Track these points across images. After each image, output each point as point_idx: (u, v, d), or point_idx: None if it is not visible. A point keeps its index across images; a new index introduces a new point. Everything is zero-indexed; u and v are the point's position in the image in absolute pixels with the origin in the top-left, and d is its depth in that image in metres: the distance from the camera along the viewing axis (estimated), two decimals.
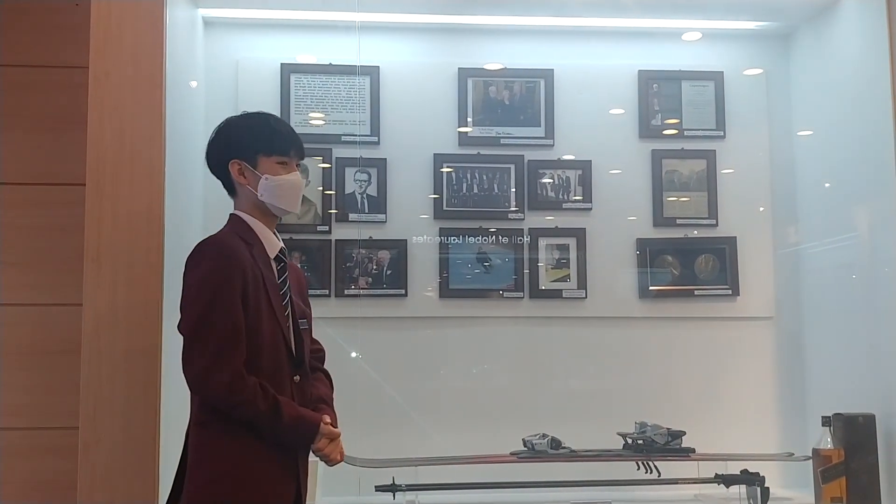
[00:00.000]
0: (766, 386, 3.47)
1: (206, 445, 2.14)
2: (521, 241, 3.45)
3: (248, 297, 2.13)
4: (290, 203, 2.31)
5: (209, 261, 2.15)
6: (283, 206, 2.30)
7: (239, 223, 2.29)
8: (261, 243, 2.27)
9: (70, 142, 2.76)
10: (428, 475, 2.99)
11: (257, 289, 2.17)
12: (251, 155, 2.28)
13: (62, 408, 2.66)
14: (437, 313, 3.39)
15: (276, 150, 2.29)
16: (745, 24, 3.56)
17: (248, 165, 2.28)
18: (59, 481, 2.64)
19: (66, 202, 2.77)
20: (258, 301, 2.16)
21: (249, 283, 2.14)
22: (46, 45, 2.93)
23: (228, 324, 2.09)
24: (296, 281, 2.37)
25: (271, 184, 2.26)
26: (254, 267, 2.18)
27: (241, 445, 2.12)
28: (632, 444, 3.11)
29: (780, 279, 3.52)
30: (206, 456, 2.14)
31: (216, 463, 2.12)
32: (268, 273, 2.23)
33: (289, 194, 2.30)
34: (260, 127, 2.32)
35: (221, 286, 2.11)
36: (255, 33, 3.44)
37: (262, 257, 2.24)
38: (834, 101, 3.32)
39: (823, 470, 2.97)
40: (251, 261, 2.19)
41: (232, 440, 2.12)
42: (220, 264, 2.13)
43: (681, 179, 3.54)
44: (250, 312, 2.13)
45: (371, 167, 3.40)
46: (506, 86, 3.52)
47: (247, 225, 2.28)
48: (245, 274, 2.14)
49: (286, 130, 2.35)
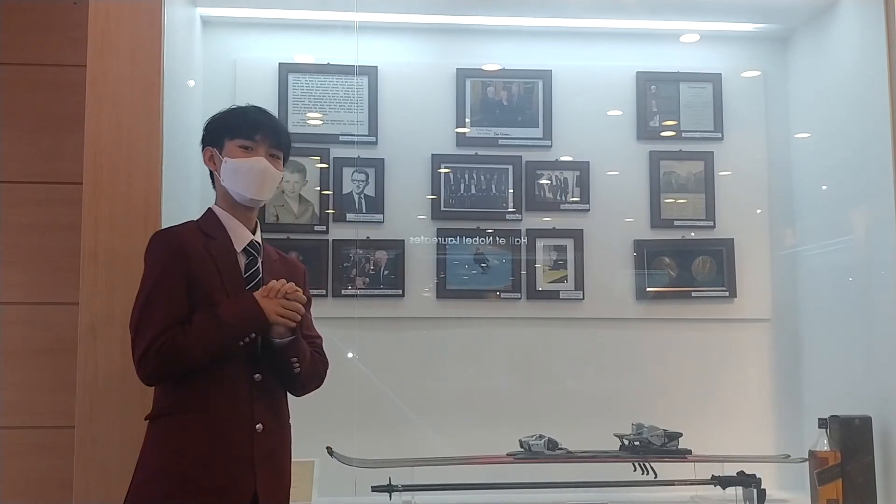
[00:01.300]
0: (763, 388, 3.48)
1: (153, 443, 2.10)
2: (519, 241, 3.45)
3: (196, 290, 2.09)
4: (249, 188, 2.21)
5: (152, 253, 2.15)
6: (241, 190, 2.21)
7: (207, 216, 2.26)
8: (226, 236, 2.21)
9: (67, 141, 2.76)
10: (424, 476, 2.99)
11: (209, 283, 2.12)
12: (220, 140, 2.25)
13: (58, 406, 2.66)
14: (435, 314, 3.39)
15: (240, 133, 2.23)
16: (743, 27, 3.56)
17: (217, 152, 2.25)
18: (55, 480, 2.64)
19: (64, 201, 2.77)
20: (210, 292, 2.11)
21: (198, 276, 2.10)
22: (44, 44, 2.93)
23: (167, 313, 2.05)
24: (280, 275, 2.24)
25: (229, 167, 2.21)
26: (206, 260, 2.13)
27: (189, 444, 2.05)
28: (628, 445, 3.11)
29: (777, 281, 3.52)
30: (151, 454, 2.09)
31: (156, 463, 2.07)
32: (228, 266, 2.17)
33: (247, 178, 2.20)
34: (231, 112, 2.29)
35: (161, 277, 2.09)
36: (253, 33, 3.44)
37: (222, 250, 2.18)
38: (831, 103, 3.33)
39: (820, 472, 2.98)
40: (203, 253, 2.14)
41: (178, 438, 2.06)
42: (160, 256, 2.12)
43: (678, 181, 3.54)
44: (199, 302, 2.09)
45: (369, 167, 3.40)
46: (504, 86, 3.52)
47: (215, 218, 2.24)
48: (191, 265, 2.10)
49: (257, 116, 2.27)
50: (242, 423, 2.10)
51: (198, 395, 2.08)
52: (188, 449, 2.06)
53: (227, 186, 2.23)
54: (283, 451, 2.22)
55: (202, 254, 2.14)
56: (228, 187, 2.23)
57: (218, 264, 2.15)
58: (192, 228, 2.21)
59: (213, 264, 2.14)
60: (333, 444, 2.94)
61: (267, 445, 2.13)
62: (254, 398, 2.12)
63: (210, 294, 2.11)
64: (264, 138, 2.24)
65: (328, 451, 2.93)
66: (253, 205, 2.27)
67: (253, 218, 2.29)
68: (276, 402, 2.21)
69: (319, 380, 2.35)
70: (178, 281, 2.09)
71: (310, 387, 2.32)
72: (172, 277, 2.09)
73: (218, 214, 2.25)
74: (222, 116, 2.29)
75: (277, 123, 2.31)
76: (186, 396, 2.09)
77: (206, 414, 2.08)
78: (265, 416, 2.14)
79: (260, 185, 2.22)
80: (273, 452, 2.16)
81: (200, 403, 2.08)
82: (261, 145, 2.24)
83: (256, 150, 2.23)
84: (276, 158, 2.28)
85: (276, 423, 2.18)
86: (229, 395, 2.10)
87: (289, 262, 2.41)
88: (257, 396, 2.13)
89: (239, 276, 2.19)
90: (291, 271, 2.34)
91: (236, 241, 2.22)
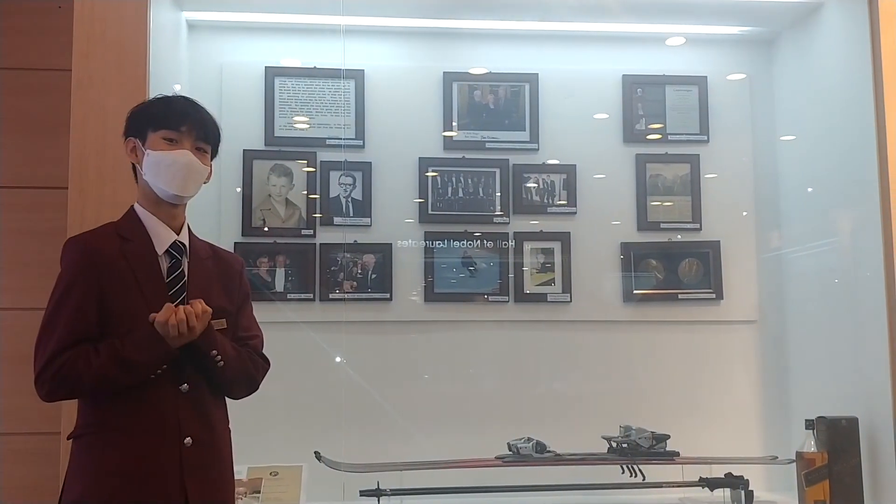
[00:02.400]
0: (750, 389, 3.49)
1: (78, 463, 2.00)
2: (506, 245, 3.45)
3: (111, 299, 1.98)
4: (171, 183, 2.06)
5: (63, 262, 2.03)
6: (163, 185, 2.06)
7: (127, 217, 2.12)
8: (146, 238, 2.07)
9: (53, 145, 2.74)
10: (413, 479, 2.99)
11: (125, 290, 1.99)
12: (143, 131, 2.09)
13: (46, 413, 2.62)
14: (422, 317, 3.39)
15: (164, 123, 2.07)
16: (729, 30, 3.58)
17: (140, 143, 2.10)
18: (42, 486, 2.62)
19: (49, 205, 2.74)
20: (128, 301, 1.99)
21: (112, 284, 1.98)
22: (29, 48, 2.91)
23: (69, 331, 1.94)
24: (209, 276, 2.15)
25: (151, 160, 2.05)
26: (121, 267, 2.00)
27: (114, 462, 1.95)
28: (616, 447, 3.12)
29: (763, 283, 3.54)
30: (76, 475, 1.99)
31: (83, 484, 1.96)
32: (146, 272, 2.03)
33: (170, 173, 2.05)
34: (157, 101, 2.15)
35: (67, 289, 1.98)
36: (239, 37, 3.43)
37: (140, 255, 2.04)
38: (817, 106, 3.34)
39: (807, 473, 2.99)
40: (118, 260, 2.01)
41: (103, 455, 1.96)
42: (70, 266, 2.01)
43: (665, 184, 3.55)
44: (116, 314, 1.98)
45: (356, 171, 3.40)
46: (491, 90, 3.52)
47: (136, 218, 2.10)
48: (104, 274, 1.98)
49: (184, 107, 2.12)
50: (169, 438, 1.99)
51: (122, 412, 1.97)
52: (114, 468, 1.95)
53: (149, 181, 2.08)
54: (218, 462, 2.10)
55: (117, 260, 2.01)
56: (150, 182, 2.08)
57: (134, 269, 2.02)
58: (108, 232, 2.08)
59: (129, 271, 2.01)
60: (321, 449, 2.94)
61: (198, 459, 2.02)
62: (180, 411, 2.01)
63: (128, 304, 1.99)
64: (190, 130, 2.09)
65: (316, 455, 2.92)
66: (177, 202, 2.12)
67: (179, 216, 2.14)
68: (208, 413, 2.08)
69: (252, 380, 2.19)
70: (86, 292, 1.97)
71: (241, 386, 2.17)
72: (79, 290, 1.97)
73: (139, 213, 2.11)
74: (147, 105, 2.16)
75: (206, 115, 2.15)
76: (110, 413, 1.98)
77: (131, 431, 1.97)
78: (194, 429, 2.02)
79: (183, 180, 2.07)
80: (206, 465, 2.05)
81: (125, 420, 1.97)
82: (186, 138, 2.09)
83: (181, 142, 2.08)
84: (203, 153, 2.13)
85: (208, 434, 2.06)
86: (155, 409, 1.99)
87: (222, 259, 2.25)
88: (185, 408, 2.02)
89: (160, 281, 2.05)
90: (225, 270, 2.21)
91: (157, 243, 2.08)
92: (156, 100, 2.17)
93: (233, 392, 2.18)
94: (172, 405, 2.01)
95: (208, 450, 2.06)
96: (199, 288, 2.10)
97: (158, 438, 1.99)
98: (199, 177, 2.12)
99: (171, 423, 2.00)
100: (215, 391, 2.12)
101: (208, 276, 2.15)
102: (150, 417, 1.99)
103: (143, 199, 2.12)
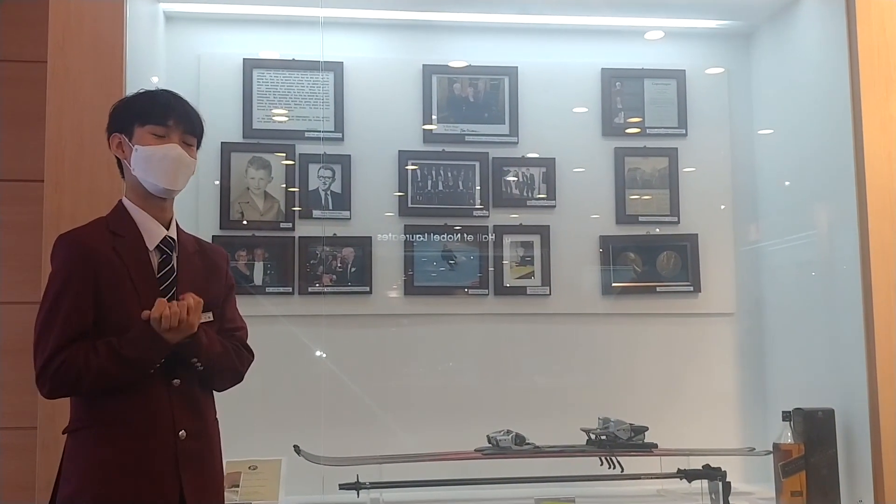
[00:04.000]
0: (728, 381, 3.51)
1: (74, 457, 2.00)
2: (486, 238, 3.45)
3: (104, 294, 1.99)
4: (163, 178, 2.07)
5: (55, 259, 2.03)
6: (153, 180, 2.07)
7: (116, 212, 2.12)
8: (137, 233, 2.08)
9: (29, 138, 2.70)
10: (392, 473, 2.99)
11: (118, 285, 2.00)
12: (129, 126, 2.09)
13: (20, 407, 2.61)
14: (402, 311, 3.39)
15: (151, 118, 2.08)
16: (707, 24, 3.59)
17: (126, 139, 2.10)
18: (17, 481, 2.60)
19: (26, 199, 2.71)
20: (121, 297, 2.00)
21: (105, 280, 1.99)
22: (4, 40, 2.87)
23: (66, 326, 1.95)
24: (197, 270, 2.17)
25: (140, 155, 2.06)
26: (114, 262, 2.02)
27: (109, 456, 1.96)
28: (595, 439, 3.13)
29: (740, 276, 3.56)
30: (72, 468, 1.99)
31: (79, 477, 1.97)
32: (138, 267, 2.05)
33: (160, 167, 2.06)
34: (142, 96, 2.14)
35: (63, 286, 1.98)
36: (216, 28, 3.41)
37: (131, 250, 2.06)
38: (794, 100, 3.36)
39: (784, 464, 3.01)
40: (111, 255, 2.02)
41: (98, 450, 1.97)
42: (63, 263, 2.01)
43: (643, 177, 3.56)
44: (110, 309, 1.99)
45: (335, 164, 3.39)
46: (470, 83, 3.52)
47: (126, 213, 2.10)
48: (97, 270, 1.99)
49: (170, 100, 2.12)
50: (164, 431, 2.01)
51: (116, 406, 1.99)
52: (109, 461, 1.97)
53: (139, 176, 2.08)
54: (210, 454, 2.13)
55: (109, 256, 2.02)
56: (140, 177, 2.08)
57: (127, 265, 2.04)
58: (99, 227, 2.09)
59: (122, 266, 2.03)
60: (301, 443, 2.93)
61: (192, 451, 2.05)
62: (174, 404, 2.03)
63: (120, 298, 2.00)
64: (178, 124, 2.10)
65: (295, 449, 2.91)
66: (166, 195, 2.13)
67: (167, 210, 2.16)
68: (199, 405, 2.11)
69: (237, 373, 2.21)
70: (81, 290, 1.98)
71: (226, 380, 2.20)
72: (75, 286, 1.98)
73: (128, 208, 2.11)
74: (131, 100, 2.15)
75: (191, 108, 2.16)
76: (104, 408, 1.99)
77: (126, 424, 1.99)
78: (187, 422, 2.05)
79: (174, 173, 2.09)
80: (199, 457, 2.07)
81: (119, 414, 1.99)
82: (174, 131, 2.10)
83: (169, 136, 2.09)
84: (190, 146, 2.14)
85: (200, 426, 2.09)
86: (149, 403, 2.01)
87: (208, 252, 2.26)
88: (177, 402, 2.04)
89: (151, 276, 2.07)
90: (211, 263, 2.23)
91: (148, 239, 2.09)
92: (139, 94, 2.16)
93: (217, 385, 2.20)
94: (166, 399, 2.03)
95: (201, 441, 2.09)
96: (189, 282, 2.11)
97: (153, 431, 2.01)
98: (188, 170, 2.14)
99: (166, 416, 2.02)
100: (204, 384, 2.14)
101: (196, 270, 2.16)
102: (144, 411, 2.01)
103: (132, 194, 2.12)
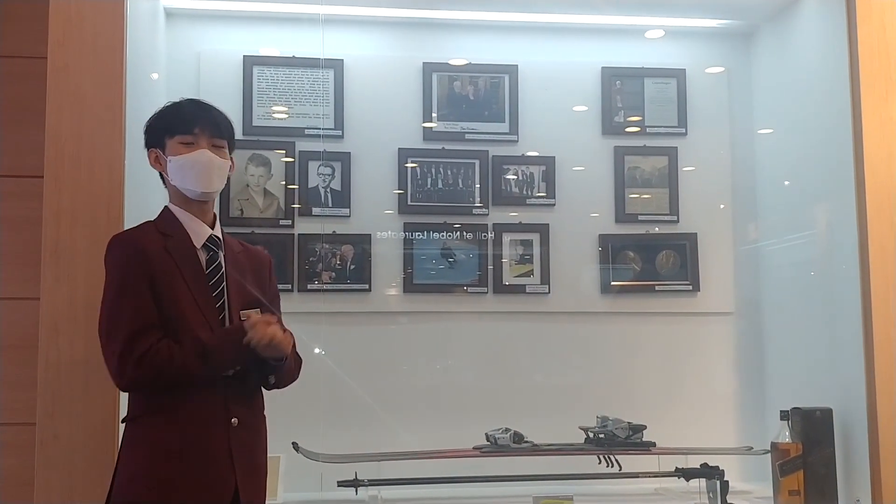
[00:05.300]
0: (726, 380, 3.52)
1: (132, 443, 2.10)
2: (486, 236, 3.45)
3: (160, 291, 2.09)
4: (198, 182, 2.19)
5: (112, 258, 2.13)
6: (190, 186, 2.19)
7: (164, 215, 2.24)
8: (184, 234, 2.20)
9: (28, 134, 2.69)
10: (391, 470, 2.99)
11: (172, 282, 2.11)
12: (161, 140, 2.23)
13: (19, 403, 2.61)
14: (402, 308, 3.39)
15: (178, 129, 2.21)
16: (708, 23, 3.59)
17: (161, 152, 2.23)
18: (16, 478, 2.59)
19: (25, 194, 2.71)
20: (175, 294, 2.11)
21: (159, 277, 2.09)
22: (4, 35, 2.87)
23: (135, 315, 2.04)
24: (243, 268, 2.27)
25: (174, 165, 2.19)
26: (166, 260, 2.13)
27: (167, 442, 2.05)
28: (593, 438, 3.13)
29: (739, 275, 3.56)
30: (131, 454, 2.09)
31: (137, 462, 2.07)
32: (189, 265, 2.17)
33: (193, 173, 2.18)
34: (167, 110, 2.26)
35: (124, 281, 2.08)
36: (217, 25, 3.40)
37: (181, 249, 2.17)
38: (794, 99, 3.36)
39: (781, 463, 3.01)
40: (163, 254, 2.13)
41: (157, 436, 2.06)
42: (121, 260, 2.11)
43: (643, 176, 3.56)
44: (165, 305, 2.09)
45: (335, 161, 3.39)
46: (470, 81, 3.52)
47: (172, 216, 2.23)
48: (152, 267, 2.09)
49: (193, 109, 2.25)
50: (218, 419, 2.10)
51: (173, 394, 2.06)
52: (167, 447, 2.05)
53: (177, 184, 2.21)
54: (259, 444, 2.22)
55: (162, 254, 2.13)
56: (178, 185, 2.21)
57: (178, 263, 2.14)
58: (149, 229, 2.20)
59: (173, 263, 2.13)
60: (299, 440, 2.93)
61: (243, 439, 2.13)
62: (228, 393, 2.12)
63: (174, 295, 2.10)
64: (203, 130, 2.22)
65: (294, 446, 2.92)
66: (205, 198, 2.25)
67: (209, 211, 2.27)
68: (251, 396, 2.21)
69: (292, 379, 2.35)
70: (141, 284, 2.07)
71: (281, 386, 2.31)
72: (136, 281, 2.08)
73: (174, 212, 2.23)
74: (159, 116, 2.26)
75: (215, 113, 2.27)
76: (162, 396, 2.07)
77: (183, 411, 2.07)
78: (240, 411, 2.14)
79: (207, 177, 2.20)
80: (250, 446, 2.16)
81: (176, 401, 2.07)
82: (201, 138, 2.21)
83: (198, 143, 2.21)
84: (220, 148, 2.25)
85: (251, 417, 2.19)
86: (204, 391, 2.09)
87: (253, 253, 2.38)
88: (231, 391, 2.13)
89: (201, 272, 2.18)
90: (256, 264, 2.34)
91: (195, 238, 2.21)
92: (165, 108, 2.27)
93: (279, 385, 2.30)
94: (221, 387, 2.12)
95: (252, 431, 2.18)
96: (236, 279, 2.23)
97: (208, 418, 2.10)
98: (222, 171, 2.24)
99: (219, 403, 2.11)
100: (257, 380, 2.24)
101: (242, 268, 2.27)
102: (200, 398, 2.09)
103: (175, 200, 2.25)
